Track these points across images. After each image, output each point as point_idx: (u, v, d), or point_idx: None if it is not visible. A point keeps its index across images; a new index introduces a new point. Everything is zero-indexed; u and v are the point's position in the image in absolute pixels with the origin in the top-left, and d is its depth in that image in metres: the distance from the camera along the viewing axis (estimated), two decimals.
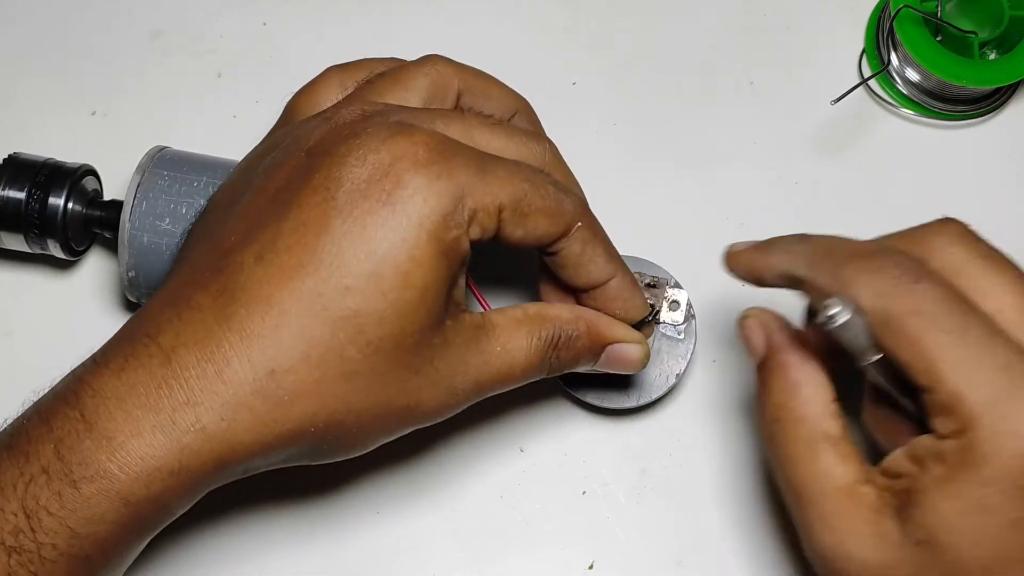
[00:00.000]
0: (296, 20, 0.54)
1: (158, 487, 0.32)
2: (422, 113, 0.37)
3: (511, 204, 0.35)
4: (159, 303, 0.34)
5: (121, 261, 0.44)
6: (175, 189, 0.43)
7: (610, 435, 0.46)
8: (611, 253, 0.39)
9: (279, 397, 0.32)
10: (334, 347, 0.33)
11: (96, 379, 0.32)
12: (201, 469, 0.32)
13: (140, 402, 0.32)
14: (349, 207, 0.33)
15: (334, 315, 0.33)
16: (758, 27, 0.54)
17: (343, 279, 0.33)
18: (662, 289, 0.45)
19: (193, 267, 0.35)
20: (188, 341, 0.32)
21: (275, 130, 0.41)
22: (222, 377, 0.32)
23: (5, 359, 0.48)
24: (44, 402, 0.33)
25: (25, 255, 0.48)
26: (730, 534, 0.45)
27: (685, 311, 0.45)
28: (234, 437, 0.32)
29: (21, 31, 0.53)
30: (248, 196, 0.36)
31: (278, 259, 0.33)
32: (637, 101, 0.52)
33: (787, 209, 0.50)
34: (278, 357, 0.32)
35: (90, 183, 0.47)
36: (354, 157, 0.34)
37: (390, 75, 0.39)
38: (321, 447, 0.34)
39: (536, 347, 0.37)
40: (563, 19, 0.54)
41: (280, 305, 0.32)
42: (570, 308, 0.39)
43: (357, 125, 0.35)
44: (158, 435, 0.31)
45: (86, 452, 0.31)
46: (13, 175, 0.45)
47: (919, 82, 0.52)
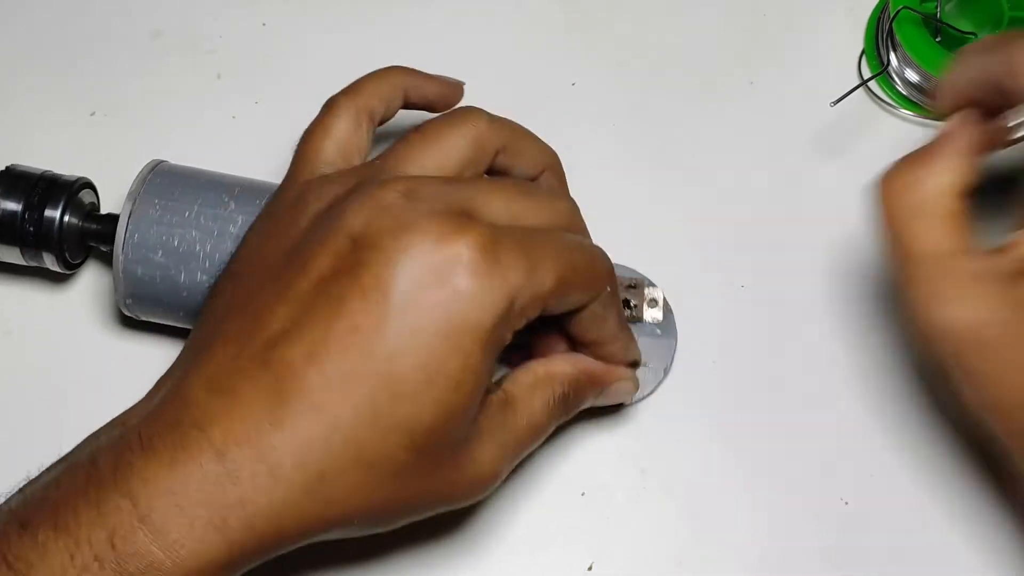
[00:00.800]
0: (296, 20, 0.54)
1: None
2: (465, 190, 0.36)
3: (555, 292, 0.36)
4: (203, 386, 0.34)
5: (117, 289, 0.44)
6: (166, 219, 0.43)
7: (609, 435, 0.46)
8: (621, 312, 0.41)
9: (328, 497, 0.33)
10: (384, 451, 0.34)
11: (146, 468, 0.32)
12: (247, 559, 0.33)
13: (193, 499, 0.32)
14: (402, 315, 0.33)
15: (386, 423, 0.33)
16: (758, 27, 0.54)
17: (396, 388, 0.33)
18: (641, 289, 0.46)
19: (234, 346, 0.35)
20: (240, 440, 0.33)
21: (296, 178, 0.40)
22: (274, 478, 0.33)
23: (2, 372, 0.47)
24: (91, 478, 0.33)
25: (20, 268, 0.47)
26: (730, 534, 0.45)
27: (663, 308, 0.46)
28: (281, 530, 0.33)
29: (21, 31, 0.53)
30: (288, 272, 0.35)
31: (331, 364, 0.33)
32: (637, 101, 0.52)
33: (787, 209, 0.50)
34: (329, 461, 0.33)
35: (87, 196, 0.47)
36: (407, 257, 0.33)
37: (429, 135, 0.39)
38: (359, 529, 0.36)
39: (552, 408, 0.39)
40: (563, 19, 0.54)
41: (333, 412, 0.33)
42: (571, 362, 0.41)
43: (404, 215, 0.34)
44: (210, 532, 0.32)
45: (139, 545, 0.32)
46: (9, 187, 0.45)
47: (919, 83, 0.52)
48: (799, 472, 0.46)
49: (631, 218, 0.48)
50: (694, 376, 0.47)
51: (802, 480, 0.45)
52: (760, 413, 0.46)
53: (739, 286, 0.49)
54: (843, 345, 0.48)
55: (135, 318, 0.46)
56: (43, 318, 0.48)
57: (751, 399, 0.47)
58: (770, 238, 0.50)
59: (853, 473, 0.46)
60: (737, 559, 0.45)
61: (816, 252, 0.49)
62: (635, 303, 0.46)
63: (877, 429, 0.46)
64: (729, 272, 0.49)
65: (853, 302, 0.49)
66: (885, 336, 0.48)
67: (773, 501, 0.45)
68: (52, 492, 0.33)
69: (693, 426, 0.46)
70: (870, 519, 0.45)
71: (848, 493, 0.45)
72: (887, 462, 0.46)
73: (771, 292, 0.49)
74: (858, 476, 0.46)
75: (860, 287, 0.49)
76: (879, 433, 0.46)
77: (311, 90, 0.43)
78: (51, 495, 0.33)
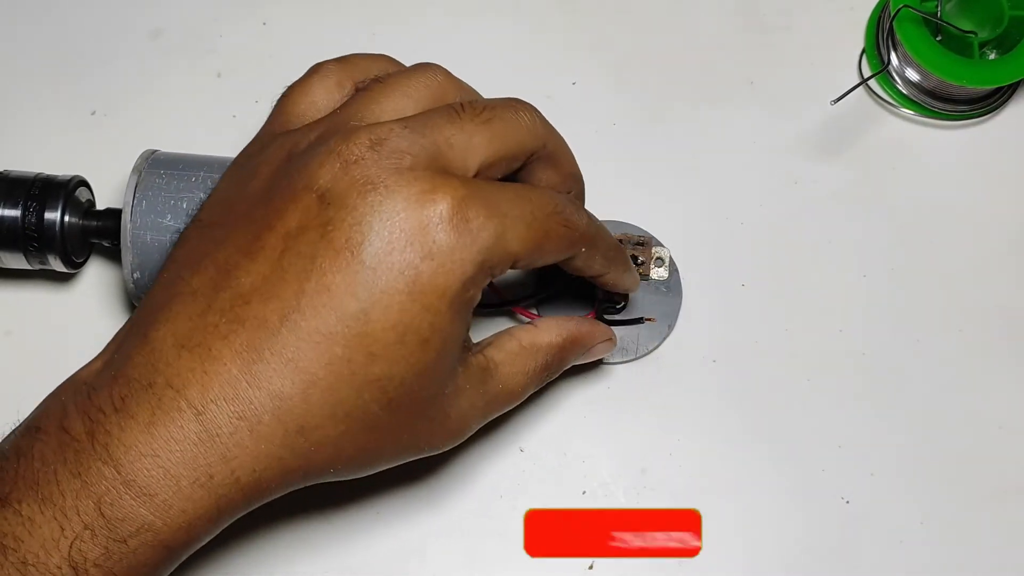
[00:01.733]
0: (296, 20, 0.54)
1: (197, 532, 0.34)
2: (429, 133, 0.36)
3: (525, 254, 0.36)
4: (173, 344, 0.34)
5: (125, 263, 0.43)
6: (173, 186, 0.43)
7: (610, 435, 0.46)
8: (608, 257, 0.40)
9: (306, 449, 0.34)
10: (359, 406, 0.34)
11: (125, 433, 0.33)
12: (233, 511, 0.34)
13: (176, 459, 0.33)
14: (373, 275, 0.34)
15: (360, 379, 0.34)
16: (758, 27, 0.54)
17: (370, 347, 0.34)
18: (648, 247, 0.47)
19: (203, 301, 0.35)
20: (217, 398, 0.33)
21: (270, 129, 0.40)
22: (254, 435, 0.33)
23: (13, 376, 0.47)
24: (66, 446, 0.33)
25: (23, 272, 0.47)
26: (730, 533, 0.45)
27: (669, 266, 0.47)
28: (263, 482, 0.34)
29: (21, 31, 0.53)
30: (255, 225, 0.35)
31: (305, 322, 0.33)
32: (637, 101, 0.52)
33: (787, 209, 0.50)
34: (307, 416, 0.34)
35: (83, 194, 0.47)
36: (376, 218, 0.34)
37: (389, 83, 0.39)
38: (334, 476, 0.36)
39: (532, 375, 0.41)
40: (563, 19, 0.54)
41: (309, 369, 0.33)
42: (557, 329, 0.42)
43: (371, 170, 0.34)
44: (197, 490, 0.33)
45: (128, 509, 0.32)
46: (5, 193, 0.45)
47: (919, 82, 0.52)
48: (799, 472, 0.46)
49: (631, 218, 0.48)
50: (694, 375, 0.47)
51: (802, 480, 0.45)
52: (760, 413, 0.46)
53: (739, 285, 0.49)
54: (843, 344, 0.48)
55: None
56: (51, 320, 0.48)
57: (751, 398, 0.47)
58: (770, 238, 0.50)
59: (853, 473, 0.46)
60: (737, 558, 0.45)
61: (816, 251, 0.49)
62: (643, 259, 0.47)
63: (877, 429, 0.46)
64: (729, 271, 0.49)
65: (853, 301, 0.49)
66: (885, 335, 0.48)
67: (773, 501, 0.45)
68: (25, 464, 0.33)
69: (693, 425, 0.46)
70: (870, 519, 0.45)
71: (848, 493, 0.45)
72: (887, 462, 0.46)
73: (771, 291, 0.49)
74: (858, 476, 0.46)
75: (860, 286, 0.49)
76: (879, 433, 0.46)
77: None
78: (25, 467, 0.33)
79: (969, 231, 0.50)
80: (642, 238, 0.48)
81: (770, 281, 0.49)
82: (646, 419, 0.47)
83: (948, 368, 0.48)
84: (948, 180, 0.51)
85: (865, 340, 0.48)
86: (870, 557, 0.44)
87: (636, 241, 0.47)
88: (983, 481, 0.46)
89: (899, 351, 0.48)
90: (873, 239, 0.50)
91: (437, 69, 0.39)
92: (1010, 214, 0.50)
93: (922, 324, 0.48)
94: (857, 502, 0.45)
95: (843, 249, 0.50)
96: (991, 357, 0.48)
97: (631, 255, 0.46)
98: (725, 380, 0.47)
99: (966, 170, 0.51)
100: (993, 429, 0.47)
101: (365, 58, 0.41)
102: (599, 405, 0.47)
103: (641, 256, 0.47)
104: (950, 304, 0.49)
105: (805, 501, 0.45)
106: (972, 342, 0.48)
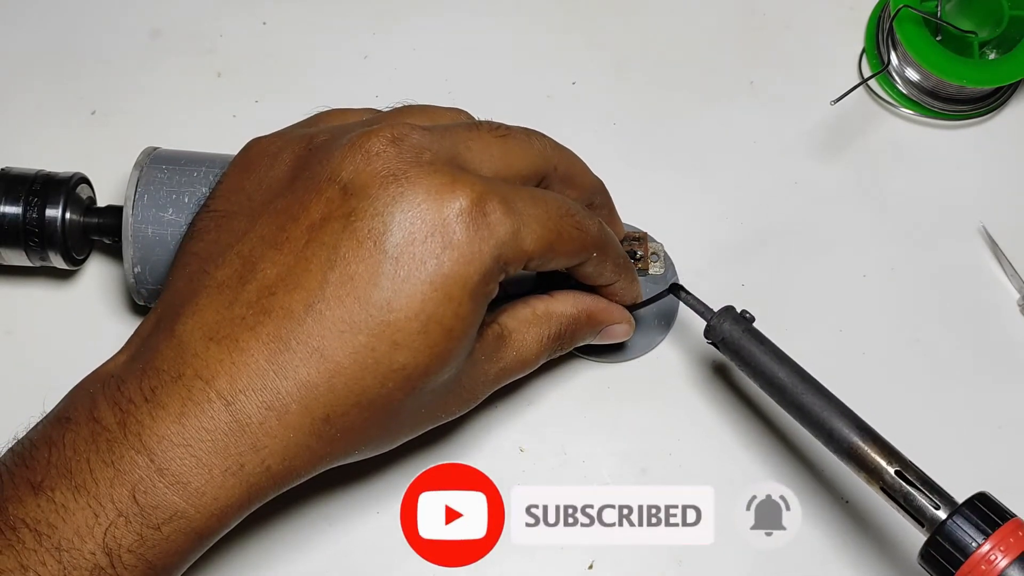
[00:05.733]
0: (296, 20, 0.54)
1: (228, 518, 0.34)
2: (449, 137, 0.37)
3: (537, 254, 0.37)
4: (201, 336, 0.34)
5: (126, 258, 0.43)
6: (175, 180, 0.43)
7: (610, 435, 0.46)
8: (618, 264, 0.42)
9: (332, 436, 0.35)
10: (383, 394, 0.35)
11: (157, 424, 0.33)
12: (263, 496, 0.35)
13: (208, 448, 0.33)
14: (396, 265, 0.34)
15: (385, 368, 0.35)
16: (758, 27, 0.54)
17: (393, 336, 0.34)
18: (645, 243, 0.47)
19: (228, 293, 0.35)
20: (246, 388, 0.34)
21: (296, 127, 0.41)
22: (283, 423, 0.34)
23: (16, 373, 0.47)
24: (98, 436, 0.33)
25: (24, 269, 0.47)
26: (730, 533, 0.45)
27: (664, 262, 0.47)
28: (292, 469, 0.35)
29: (21, 30, 0.53)
30: (278, 216, 0.36)
31: (329, 311, 0.34)
32: (637, 101, 0.52)
33: (787, 209, 0.50)
34: (333, 404, 0.34)
35: (84, 191, 0.47)
36: (398, 208, 0.34)
37: (418, 104, 0.41)
38: (359, 456, 0.37)
39: (546, 343, 0.41)
40: (563, 19, 0.54)
41: (334, 358, 0.34)
42: (572, 301, 0.42)
43: (392, 163, 0.35)
44: (229, 478, 0.34)
45: (162, 497, 0.33)
46: (6, 189, 0.45)
47: (919, 82, 0.52)
48: (800, 471, 0.46)
49: (631, 218, 0.48)
50: (694, 375, 0.47)
51: (803, 479, 0.45)
52: (760, 412, 0.46)
53: (739, 285, 0.49)
54: (843, 344, 0.48)
55: (145, 305, 0.45)
56: (53, 317, 0.48)
57: (751, 398, 0.47)
58: (770, 237, 0.50)
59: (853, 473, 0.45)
60: (737, 558, 0.45)
61: (816, 251, 0.49)
62: (640, 254, 0.47)
63: (877, 428, 0.46)
64: (729, 271, 0.49)
65: (853, 301, 0.49)
66: (884, 335, 0.48)
67: (772, 501, 0.45)
68: (56, 453, 0.33)
69: (693, 426, 0.46)
70: (870, 519, 0.45)
71: (848, 492, 0.45)
72: None
73: (771, 291, 0.49)
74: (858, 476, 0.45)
75: (860, 286, 0.49)
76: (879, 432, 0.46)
77: (311, 89, 0.43)
78: (56, 456, 0.33)
79: (969, 231, 0.50)
80: (637, 233, 0.48)
81: (770, 281, 0.49)
82: (646, 419, 0.47)
83: (948, 368, 0.48)
84: (948, 180, 0.51)
85: (865, 340, 0.48)
86: (870, 557, 0.45)
87: (633, 236, 0.48)
88: (983, 481, 0.46)
89: (899, 351, 0.48)
90: (873, 239, 0.50)
91: (463, 111, 0.41)
92: (1010, 214, 0.50)
93: (922, 324, 0.48)
94: (857, 502, 0.45)
95: (843, 249, 0.50)
96: (991, 357, 0.48)
97: (628, 250, 0.46)
98: (724, 382, 0.47)
99: (966, 170, 0.51)
100: (993, 429, 0.47)
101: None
102: (599, 405, 0.47)
103: (639, 251, 0.47)
104: (950, 304, 0.49)
105: (806, 500, 0.45)
106: (972, 342, 0.48)
